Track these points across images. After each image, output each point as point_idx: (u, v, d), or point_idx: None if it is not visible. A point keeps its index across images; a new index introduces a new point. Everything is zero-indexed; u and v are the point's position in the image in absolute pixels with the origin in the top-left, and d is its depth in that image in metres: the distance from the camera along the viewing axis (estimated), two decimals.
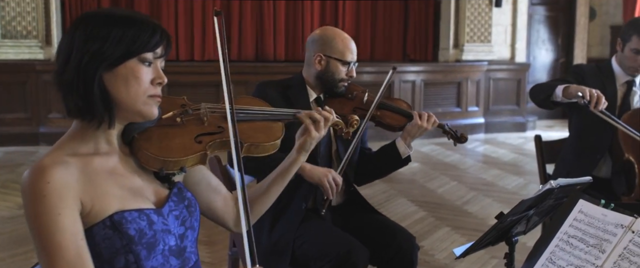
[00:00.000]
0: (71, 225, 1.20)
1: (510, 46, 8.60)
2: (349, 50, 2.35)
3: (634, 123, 2.60)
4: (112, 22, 1.27)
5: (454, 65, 8.18)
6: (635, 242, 1.34)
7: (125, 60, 1.27)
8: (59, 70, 1.28)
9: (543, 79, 9.35)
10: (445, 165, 6.30)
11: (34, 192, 1.19)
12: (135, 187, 1.33)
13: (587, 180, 1.81)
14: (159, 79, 1.31)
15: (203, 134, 1.41)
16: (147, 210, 1.30)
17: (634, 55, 2.63)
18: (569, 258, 1.47)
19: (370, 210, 2.48)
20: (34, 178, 1.20)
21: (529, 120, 8.51)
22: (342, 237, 2.23)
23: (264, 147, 1.50)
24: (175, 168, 1.35)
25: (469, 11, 8.24)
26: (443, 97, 7.90)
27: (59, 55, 1.29)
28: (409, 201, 4.83)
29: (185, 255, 1.37)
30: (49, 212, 1.18)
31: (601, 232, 1.43)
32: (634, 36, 2.62)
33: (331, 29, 2.43)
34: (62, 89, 1.28)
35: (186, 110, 1.43)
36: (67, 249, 1.18)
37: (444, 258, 3.59)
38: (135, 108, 1.30)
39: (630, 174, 2.53)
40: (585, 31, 9.20)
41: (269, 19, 8.66)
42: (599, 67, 2.80)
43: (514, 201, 4.84)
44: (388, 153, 2.43)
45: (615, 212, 1.44)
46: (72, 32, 1.28)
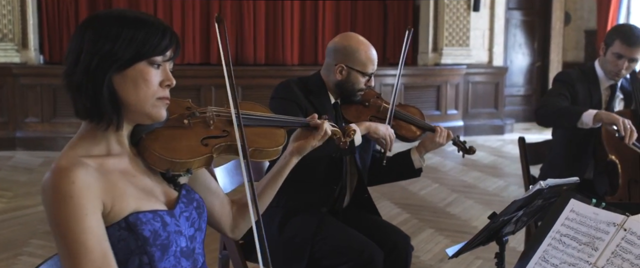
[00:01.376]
0: (96, 226, 1.20)
1: (488, 50, 8.72)
2: (371, 62, 2.33)
3: None
4: (122, 24, 1.26)
5: (434, 69, 8.26)
6: (628, 240, 1.38)
7: (135, 62, 1.27)
8: (67, 71, 1.28)
9: (520, 82, 9.50)
10: (426, 167, 6.28)
11: (59, 193, 1.18)
12: (147, 188, 1.34)
13: (574, 181, 1.86)
14: (167, 82, 1.32)
15: (209, 137, 1.42)
16: (161, 211, 1.31)
17: (615, 59, 2.69)
18: (562, 257, 1.51)
19: (370, 210, 2.51)
20: (59, 179, 1.19)
21: (507, 123, 8.63)
22: (360, 238, 2.26)
23: (268, 152, 1.52)
24: (181, 169, 1.36)
25: (447, 15, 8.34)
26: (423, 100, 7.97)
27: (68, 56, 1.29)
28: (392, 203, 4.87)
29: (194, 257, 1.38)
30: (76, 213, 1.18)
31: (593, 230, 1.47)
32: (616, 40, 2.68)
33: (355, 38, 2.38)
34: (71, 90, 1.28)
35: (193, 112, 1.44)
36: (93, 250, 1.18)
37: (429, 259, 3.63)
38: (144, 110, 1.30)
39: (614, 175, 2.59)
40: (560, 35, 9.36)
41: (249, 20, 8.65)
42: (584, 71, 2.86)
43: (495, 203, 4.96)
44: (401, 163, 2.48)
45: (606, 210, 1.47)
46: (81, 33, 1.27)
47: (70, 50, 1.28)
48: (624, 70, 2.69)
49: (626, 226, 1.40)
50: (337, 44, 2.36)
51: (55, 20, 7.87)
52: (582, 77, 2.83)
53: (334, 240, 2.24)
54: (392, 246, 2.34)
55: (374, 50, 2.36)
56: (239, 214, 1.59)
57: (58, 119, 7.01)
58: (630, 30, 2.68)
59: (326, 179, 2.34)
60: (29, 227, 4.19)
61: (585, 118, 2.56)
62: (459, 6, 8.35)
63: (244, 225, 1.60)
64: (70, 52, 1.28)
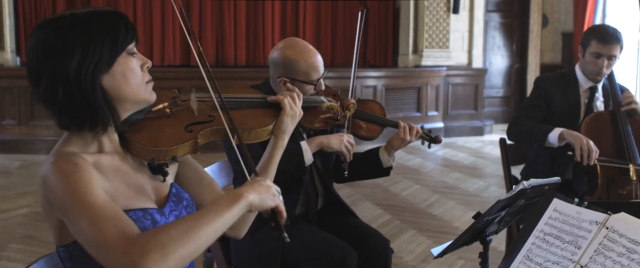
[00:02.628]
0: (102, 193, 1.21)
1: (468, 52, 8.80)
2: (314, 69, 2.25)
3: (593, 126, 2.72)
4: (85, 26, 1.25)
5: (414, 71, 8.31)
6: (610, 238, 1.41)
7: (116, 57, 1.28)
8: (46, 91, 1.26)
9: (499, 84, 9.60)
10: (407, 168, 6.39)
11: (64, 171, 1.20)
12: (138, 185, 1.35)
13: (555, 181, 1.89)
14: (146, 64, 1.34)
15: (194, 124, 1.42)
16: (151, 209, 1.31)
17: (594, 59, 2.74)
18: (546, 255, 1.53)
19: (346, 212, 2.50)
20: (61, 162, 1.21)
21: (486, 124, 8.72)
22: (332, 240, 2.25)
23: (257, 132, 1.52)
24: (166, 158, 1.36)
25: (427, 17, 8.40)
26: (403, 101, 8.02)
27: (38, 74, 1.26)
28: (374, 205, 4.88)
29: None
30: (81, 182, 1.19)
31: (576, 229, 1.50)
32: (592, 41, 2.74)
33: (294, 47, 2.29)
34: (56, 106, 1.27)
35: (175, 100, 1.44)
36: (104, 207, 1.18)
37: (411, 260, 3.65)
38: (140, 98, 1.32)
39: (593, 175, 2.63)
40: (538, 38, 9.49)
41: (229, 21, 8.63)
42: (564, 75, 2.92)
43: (476, 203, 5.00)
44: (370, 162, 2.44)
45: (589, 209, 1.50)
46: (46, 49, 1.25)
47: (40, 69, 1.25)
48: (605, 69, 2.75)
49: (608, 224, 1.42)
50: (277, 56, 2.28)
51: (32, 21, 7.76)
52: (561, 80, 2.88)
53: (305, 244, 2.22)
54: (371, 250, 2.32)
55: (315, 56, 2.27)
56: None
57: (36, 121, 6.91)
58: (604, 28, 2.76)
59: (289, 188, 2.27)
60: (7, 231, 4.13)
61: (551, 138, 2.67)
62: (438, 8, 8.42)
63: (242, 221, 1.56)
64: (39, 70, 1.25)
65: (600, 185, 2.60)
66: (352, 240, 2.32)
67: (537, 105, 2.86)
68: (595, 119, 2.72)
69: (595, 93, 2.84)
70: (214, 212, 1.21)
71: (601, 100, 2.87)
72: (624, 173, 2.62)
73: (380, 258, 2.35)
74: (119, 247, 1.14)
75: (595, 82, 2.85)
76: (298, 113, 1.61)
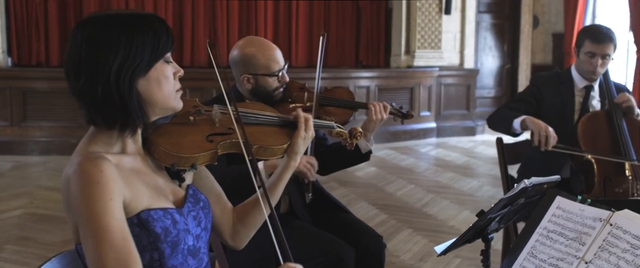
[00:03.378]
0: (119, 212, 1.22)
1: (459, 52, 8.86)
2: (273, 61, 2.29)
3: (589, 126, 2.76)
4: (128, 29, 1.28)
5: (407, 71, 8.35)
6: (614, 234, 1.43)
7: (154, 63, 1.31)
8: (85, 87, 1.28)
9: (490, 84, 9.66)
10: (401, 169, 6.42)
11: (88, 178, 1.21)
12: (158, 187, 1.37)
13: (556, 179, 1.92)
14: (178, 73, 1.37)
15: (214, 134, 1.45)
16: (171, 209, 1.33)
17: (588, 58, 2.79)
18: (550, 252, 1.56)
19: (336, 207, 2.52)
20: (87, 166, 1.22)
21: (478, 124, 8.78)
22: (328, 238, 2.26)
23: (273, 150, 1.54)
24: (186, 164, 1.39)
25: (419, 18, 8.44)
26: (397, 102, 7.96)
27: (78, 69, 1.28)
28: (370, 204, 4.91)
29: (199, 256, 1.39)
30: (102, 197, 1.20)
31: (580, 226, 1.52)
32: (586, 40, 2.79)
33: (249, 43, 2.33)
34: (92, 103, 1.29)
35: (199, 110, 1.48)
36: (113, 232, 1.20)
37: (408, 259, 3.67)
38: (169, 105, 1.35)
39: (590, 174, 2.67)
40: (529, 38, 9.56)
41: (221, 21, 8.62)
42: (559, 75, 2.97)
43: (470, 202, 5.04)
44: (348, 150, 2.45)
45: (592, 206, 1.53)
46: (90, 47, 1.27)
47: (82, 65, 1.28)
48: (599, 68, 2.79)
49: (612, 221, 1.45)
50: (236, 55, 2.31)
51: (23, 22, 7.72)
52: (556, 79, 2.93)
53: (301, 243, 2.23)
54: (364, 247, 2.34)
55: (272, 48, 2.31)
56: (240, 221, 1.58)
57: (28, 122, 6.88)
58: (597, 28, 2.82)
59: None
60: (3, 233, 4.11)
61: (515, 124, 2.74)
62: (430, 9, 8.46)
63: (245, 232, 1.59)
64: (81, 66, 1.28)
65: (596, 183, 2.63)
66: (345, 236, 2.34)
67: (524, 100, 2.93)
68: (592, 118, 2.76)
69: (591, 92, 2.89)
70: None
71: (597, 100, 2.91)
72: (619, 171, 2.66)
73: (374, 255, 2.36)
74: None
75: (590, 81, 2.89)
76: (310, 135, 1.61)
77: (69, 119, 6.86)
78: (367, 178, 5.79)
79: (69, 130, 6.87)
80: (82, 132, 5.57)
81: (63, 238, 4.02)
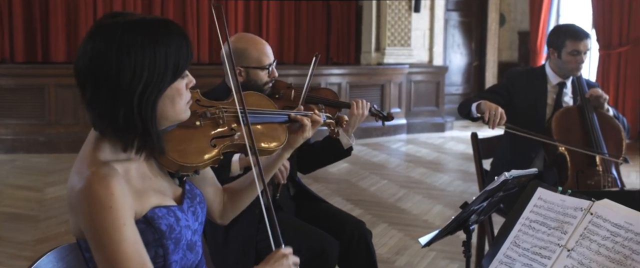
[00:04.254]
0: (133, 234, 1.22)
1: (429, 50, 8.98)
2: (264, 55, 2.37)
3: (562, 120, 2.85)
4: (153, 43, 1.23)
5: (378, 68, 8.44)
6: (594, 223, 1.50)
7: (173, 83, 1.29)
8: (105, 107, 1.23)
9: (458, 81, 9.83)
10: (374, 164, 6.49)
11: (98, 203, 1.19)
12: (161, 188, 1.38)
13: (534, 172, 2.00)
14: (190, 84, 1.35)
15: (217, 137, 1.46)
16: (173, 207, 1.35)
17: (573, 57, 2.89)
18: (533, 241, 1.62)
19: (315, 198, 2.58)
20: (97, 189, 1.19)
21: (448, 120, 8.92)
22: (312, 232, 2.30)
23: (270, 150, 1.57)
24: (190, 171, 1.41)
25: (389, 16, 8.53)
26: (367, 99, 7.89)
27: (98, 86, 1.23)
28: (345, 200, 4.96)
29: (196, 249, 1.42)
30: (116, 222, 1.19)
31: (561, 215, 1.59)
32: (567, 41, 2.88)
33: (241, 38, 2.42)
34: (112, 124, 1.25)
35: (205, 113, 1.47)
36: (132, 259, 1.20)
37: (385, 252, 3.73)
38: (178, 118, 1.34)
39: (563, 166, 2.76)
40: (496, 36, 9.75)
41: (192, 20, 8.56)
42: (533, 71, 3.06)
43: (443, 197, 5.13)
44: (331, 146, 2.51)
45: (573, 197, 1.60)
46: (111, 62, 1.21)
47: (103, 83, 1.22)
48: (582, 64, 2.90)
49: (592, 210, 1.52)
50: (228, 50, 2.39)
51: None
52: (530, 75, 3.02)
53: (285, 239, 2.27)
54: (349, 236, 2.39)
55: (263, 43, 2.40)
56: (229, 201, 1.63)
57: None
58: (574, 28, 2.92)
59: None
60: None
61: (472, 107, 2.82)
62: (400, 7, 8.56)
63: (232, 212, 1.64)
64: (103, 84, 1.22)
65: (570, 176, 2.73)
66: (329, 225, 2.39)
67: (495, 92, 3.02)
68: (565, 113, 2.85)
69: (564, 89, 2.98)
70: None
71: (570, 96, 3.01)
72: (591, 164, 2.76)
73: (361, 245, 2.41)
74: None
75: (566, 79, 2.98)
76: (311, 134, 1.68)
77: (35, 116, 6.74)
78: (340, 174, 5.84)
79: (37, 127, 6.74)
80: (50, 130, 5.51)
81: (35, 237, 3.96)
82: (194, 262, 1.41)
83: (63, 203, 4.69)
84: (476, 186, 5.29)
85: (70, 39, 7.94)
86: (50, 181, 5.43)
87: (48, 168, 5.99)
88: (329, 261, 2.29)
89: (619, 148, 2.81)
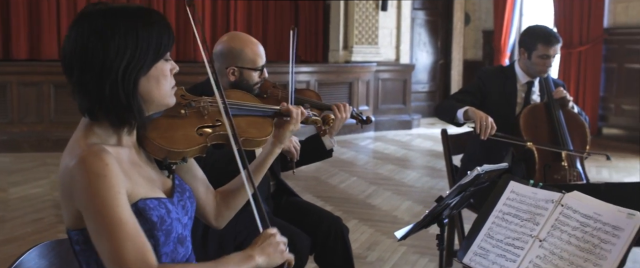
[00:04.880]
0: (126, 203, 1.25)
1: (396, 48, 9.08)
2: (259, 56, 2.41)
3: (530, 117, 2.94)
4: (135, 26, 1.30)
5: (346, 66, 8.50)
6: (565, 214, 1.57)
7: (156, 62, 1.33)
8: (91, 83, 1.28)
9: (425, 79, 9.96)
10: (343, 162, 6.54)
11: (94, 173, 1.22)
12: (151, 178, 1.39)
13: (504, 166, 2.06)
14: (175, 69, 1.40)
15: (204, 127, 1.49)
16: (164, 199, 1.37)
17: (542, 60, 2.97)
18: (506, 232, 1.68)
19: (294, 195, 2.62)
20: (92, 160, 1.23)
21: (414, 118, 9.03)
22: (283, 226, 2.32)
23: (257, 141, 1.60)
24: (178, 158, 1.42)
25: (357, 14, 8.60)
26: (336, 96, 8.17)
27: (85, 66, 1.28)
28: (315, 197, 4.99)
29: (186, 244, 1.43)
30: (110, 190, 1.22)
31: (533, 207, 1.65)
32: (539, 44, 2.96)
33: (237, 38, 2.46)
34: (98, 100, 1.29)
35: (189, 102, 1.50)
36: (127, 223, 1.23)
37: (357, 248, 3.77)
38: (164, 102, 1.38)
39: (530, 162, 2.85)
40: (461, 35, 9.92)
41: None
42: (503, 70, 3.14)
43: (412, 192, 5.21)
44: (313, 147, 2.56)
45: (544, 190, 1.66)
46: (97, 42, 1.28)
47: (90, 63, 1.28)
48: (550, 67, 2.99)
49: (563, 202, 1.59)
50: (222, 48, 2.43)
51: None
52: (500, 74, 3.10)
53: (254, 233, 2.29)
54: (326, 233, 2.42)
55: (258, 45, 2.45)
56: (223, 202, 1.64)
57: None
58: (546, 31, 2.99)
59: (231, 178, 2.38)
60: None
61: (459, 114, 2.90)
62: (367, 5, 8.63)
63: (227, 213, 1.65)
64: (89, 64, 1.28)
65: (537, 170, 2.82)
66: (305, 222, 2.43)
67: (470, 92, 3.08)
68: (532, 110, 2.94)
69: (532, 87, 3.07)
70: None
71: (537, 94, 3.10)
72: (558, 159, 2.86)
73: (338, 241, 2.44)
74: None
75: (534, 78, 3.07)
76: (298, 127, 1.71)
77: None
78: (309, 172, 5.87)
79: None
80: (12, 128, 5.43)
81: (2, 237, 3.88)
82: (184, 256, 1.42)
83: (28, 204, 4.60)
84: (444, 182, 5.42)
85: (32, 36, 7.77)
86: (14, 181, 5.31)
87: (11, 168, 5.86)
88: (300, 257, 2.32)
89: (583, 143, 2.91)
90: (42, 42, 7.92)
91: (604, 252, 1.46)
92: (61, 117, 6.68)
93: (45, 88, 6.74)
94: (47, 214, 4.38)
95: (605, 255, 1.45)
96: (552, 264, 1.51)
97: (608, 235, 1.47)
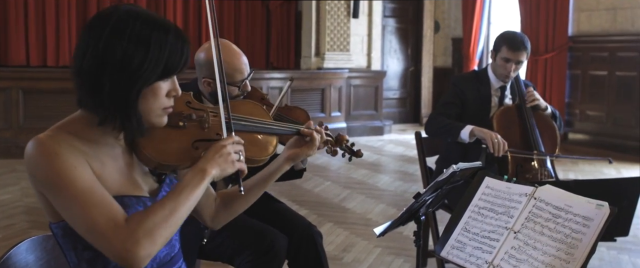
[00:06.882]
0: (88, 175, 1.24)
1: (367, 55, 9.19)
2: (238, 71, 2.29)
3: (502, 119, 3.03)
4: (150, 31, 1.27)
5: (318, 73, 8.56)
6: (538, 206, 1.64)
7: (156, 82, 1.30)
8: (96, 82, 1.27)
9: (396, 86, 10.08)
10: (316, 167, 6.58)
11: (46, 153, 1.22)
12: (133, 178, 1.37)
13: (478, 165, 2.13)
14: (174, 92, 1.35)
15: (201, 140, 1.42)
16: (144, 197, 1.35)
17: (504, 63, 3.05)
18: (482, 226, 1.74)
19: (269, 197, 2.59)
20: (44, 141, 1.24)
21: (386, 124, 9.14)
22: (260, 227, 2.32)
23: (256, 161, 1.53)
24: (167, 170, 1.40)
25: (328, 21, 8.68)
26: (308, 103, 8.23)
27: (92, 63, 1.27)
28: (291, 201, 5.02)
29: (172, 243, 1.43)
30: (66, 166, 1.22)
31: (508, 201, 1.72)
32: (503, 47, 3.03)
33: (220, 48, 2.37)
34: (96, 93, 1.28)
35: (190, 115, 1.43)
36: (92, 192, 1.22)
37: (332, 250, 3.82)
38: (147, 120, 1.33)
39: (503, 161, 2.93)
40: (431, 42, 10.09)
41: None
42: (477, 74, 3.22)
43: (386, 196, 5.28)
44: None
45: (517, 184, 1.73)
46: (111, 38, 1.25)
47: (108, 64, 1.26)
48: (513, 72, 3.05)
49: (536, 195, 1.66)
50: (202, 57, 2.33)
51: None
52: (475, 79, 3.17)
53: (233, 235, 2.28)
54: (299, 235, 2.42)
55: (240, 58, 2.32)
56: (223, 205, 1.61)
57: None
58: (515, 36, 3.05)
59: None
60: None
61: (463, 135, 2.95)
62: (339, 13, 8.73)
63: (225, 216, 1.62)
64: (108, 66, 1.26)
65: (510, 170, 2.90)
66: (279, 225, 2.41)
67: (452, 103, 3.13)
68: (504, 112, 3.03)
69: (505, 91, 3.16)
70: (187, 191, 1.29)
71: (509, 98, 3.19)
72: (529, 159, 2.95)
73: (310, 244, 2.45)
74: (110, 234, 1.20)
75: (504, 82, 3.16)
76: (315, 152, 1.66)
77: None
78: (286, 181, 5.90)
79: None
80: None
81: None
82: (169, 255, 1.41)
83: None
84: (416, 186, 5.50)
85: (0, 42, 7.66)
86: None
87: None
88: (278, 256, 2.30)
89: (554, 145, 3.01)
90: (10, 48, 7.80)
91: (575, 241, 1.53)
92: (31, 122, 6.59)
93: (14, 94, 6.64)
94: (19, 220, 4.32)
95: (577, 244, 1.52)
96: (526, 254, 1.57)
97: (579, 226, 1.54)
